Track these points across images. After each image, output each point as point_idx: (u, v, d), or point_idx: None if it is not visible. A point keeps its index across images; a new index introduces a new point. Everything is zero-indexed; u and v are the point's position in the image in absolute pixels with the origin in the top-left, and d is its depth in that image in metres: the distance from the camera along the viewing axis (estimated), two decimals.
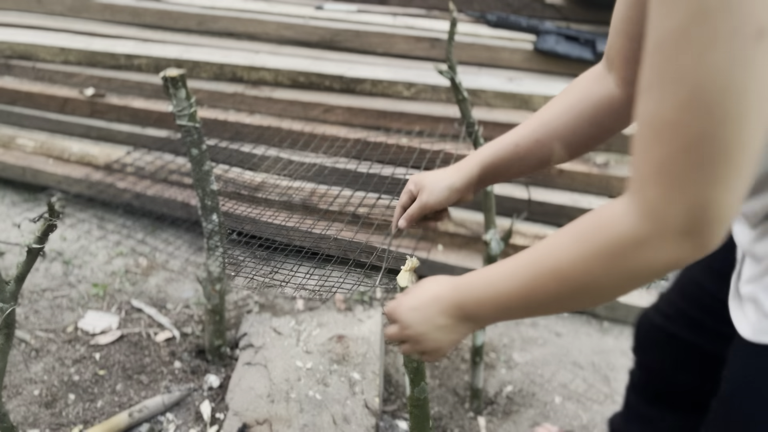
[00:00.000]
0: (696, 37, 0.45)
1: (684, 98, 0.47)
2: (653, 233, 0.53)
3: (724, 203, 0.50)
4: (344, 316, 2.05)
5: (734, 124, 0.46)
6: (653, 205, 0.52)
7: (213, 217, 1.76)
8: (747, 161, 0.48)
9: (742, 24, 0.43)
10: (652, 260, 0.55)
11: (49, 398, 1.89)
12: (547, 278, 0.62)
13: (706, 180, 0.49)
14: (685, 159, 0.49)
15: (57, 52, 3.21)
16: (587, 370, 2.10)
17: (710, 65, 0.45)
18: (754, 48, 0.44)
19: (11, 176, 2.94)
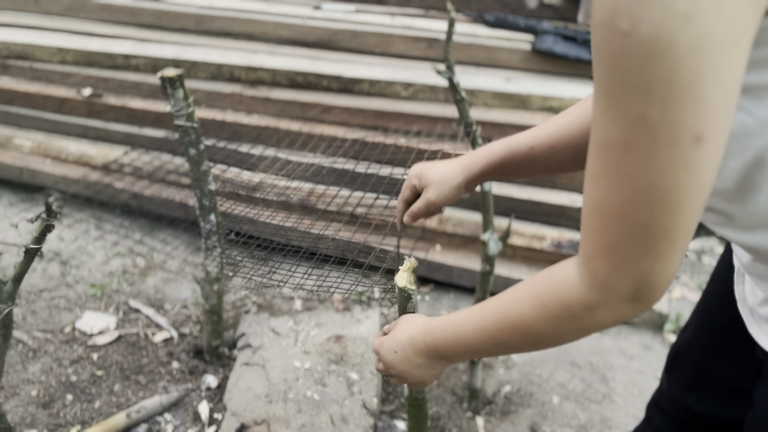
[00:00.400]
0: (640, 145, 0.50)
1: (629, 194, 0.53)
2: (602, 301, 0.60)
3: (665, 274, 0.57)
4: (342, 317, 2.05)
5: (675, 215, 0.52)
6: (602, 278, 0.59)
7: (211, 217, 1.76)
8: (686, 238, 0.55)
9: (680, 132, 0.48)
10: (601, 321, 0.62)
11: (46, 399, 1.89)
12: (509, 329, 0.70)
13: (648, 258, 0.55)
14: (630, 243, 0.55)
15: (54, 52, 3.21)
16: (585, 370, 2.10)
17: (653, 168, 0.50)
18: (692, 152, 0.49)
19: (8, 176, 2.94)
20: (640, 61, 0.47)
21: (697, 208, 0.53)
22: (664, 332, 2.27)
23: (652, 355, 2.18)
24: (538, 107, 2.70)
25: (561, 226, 2.47)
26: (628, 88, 0.49)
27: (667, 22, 0.45)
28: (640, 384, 2.05)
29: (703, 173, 0.51)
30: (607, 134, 0.53)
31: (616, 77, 0.49)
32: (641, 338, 2.25)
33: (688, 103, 0.47)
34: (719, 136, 0.50)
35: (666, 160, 0.50)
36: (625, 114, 0.50)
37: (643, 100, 0.48)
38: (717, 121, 0.49)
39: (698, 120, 0.48)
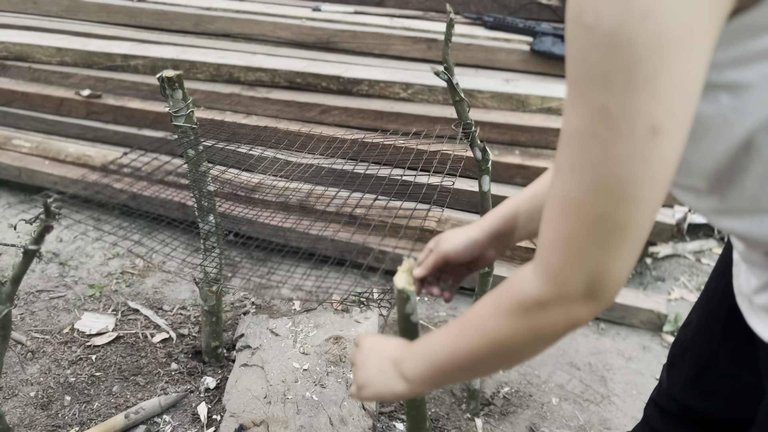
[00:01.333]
0: (600, 135, 0.52)
1: (588, 184, 0.54)
2: (554, 296, 0.60)
3: (618, 270, 0.57)
4: (341, 317, 2.05)
5: (630, 207, 0.54)
6: (555, 272, 0.59)
7: (210, 218, 1.76)
8: (641, 233, 0.56)
9: (638, 124, 0.51)
10: (554, 320, 0.61)
11: (45, 400, 1.89)
12: (470, 333, 0.69)
13: (603, 252, 0.56)
14: (585, 234, 0.56)
15: (53, 53, 3.21)
16: (584, 371, 2.11)
17: (612, 159, 0.52)
18: (648, 145, 0.51)
19: (7, 177, 2.94)
20: (602, 54, 0.50)
21: (652, 203, 0.54)
22: (663, 333, 2.27)
23: (651, 356, 2.18)
24: (536, 108, 2.70)
25: None
26: (591, 80, 0.52)
27: (627, 18, 0.48)
28: (638, 385, 2.06)
29: (659, 167, 0.52)
30: (571, 126, 0.55)
31: (581, 70, 0.52)
32: (640, 339, 2.26)
33: (646, 96, 0.50)
34: (676, 131, 0.52)
35: (623, 151, 0.51)
36: (588, 105, 0.52)
37: (604, 91, 0.51)
38: (673, 116, 0.51)
39: (655, 113, 0.50)
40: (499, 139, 2.64)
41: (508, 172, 2.56)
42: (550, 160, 2.56)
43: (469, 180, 2.55)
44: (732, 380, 1.06)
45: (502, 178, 2.57)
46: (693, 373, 1.14)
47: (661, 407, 1.25)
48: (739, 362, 1.02)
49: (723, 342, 1.05)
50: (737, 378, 1.05)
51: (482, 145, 1.59)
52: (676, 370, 1.19)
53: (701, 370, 1.11)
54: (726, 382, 1.08)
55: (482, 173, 1.62)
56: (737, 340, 1.00)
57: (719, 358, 1.07)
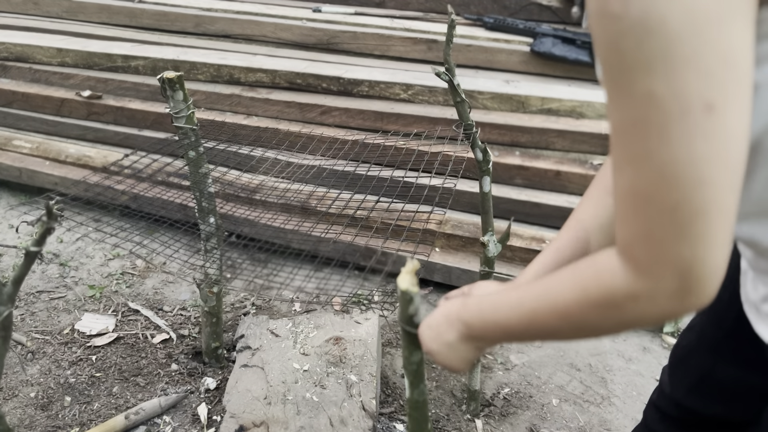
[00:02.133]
0: (653, 122, 0.51)
1: (653, 174, 0.52)
2: (646, 291, 0.57)
3: (709, 259, 0.54)
4: (341, 318, 2.05)
5: (703, 190, 0.51)
6: (644, 267, 0.57)
7: (210, 219, 1.76)
8: (724, 217, 0.53)
9: (689, 102, 0.49)
10: (646, 313, 0.59)
11: (45, 400, 1.89)
12: (548, 314, 0.67)
13: (687, 242, 0.53)
14: (665, 225, 0.53)
15: (54, 54, 3.21)
16: (584, 372, 2.11)
17: (671, 143, 0.50)
18: (705, 122, 0.49)
19: (7, 178, 2.94)
20: (636, 40, 0.49)
21: (727, 181, 0.52)
22: (663, 335, 2.28)
23: (651, 357, 2.18)
24: (537, 109, 2.70)
25: (560, 228, 2.47)
26: (630, 68, 0.50)
27: (654, 1, 0.47)
28: (639, 386, 2.06)
29: (723, 143, 0.50)
30: (620, 120, 0.54)
31: (618, 60, 0.51)
32: (640, 340, 2.26)
33: (691, 73, 0.48)
34: (733, 105, 0.50)
35: (680, 133, 0.50)
36: (633, 94, 0.51)
37: (647, 76, 0.50)
38: (726, 89, 0.49)
39: (705, 89, 0.49)
40: (499, 140, 2.65)
41: (509, 173, 2.56)
42: (550, 160, 2.56)
43: (469, 181, 2.55)
44: (737, 385, 1.06)
45: (503, 179, 2.57)
46: (696, 378, 1.13)
47: (661, 411, 1.25)
48: (746, 367, 1.02)
49: (728, 348, 1.05)
50: (742, 382, 1.04)
51: (483, 146, 1.59)
52: (678, 375, 1.19)
53: (705, 375, 1.11)
54: (730, 386, 1.07)
55: (483, 174, 1.63)
56: (744, 346, 0.99)
57: (724, 363, 1.06)
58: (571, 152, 2.59)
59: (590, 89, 2.81)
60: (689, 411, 1.17)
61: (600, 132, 2.55)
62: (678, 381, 1.18)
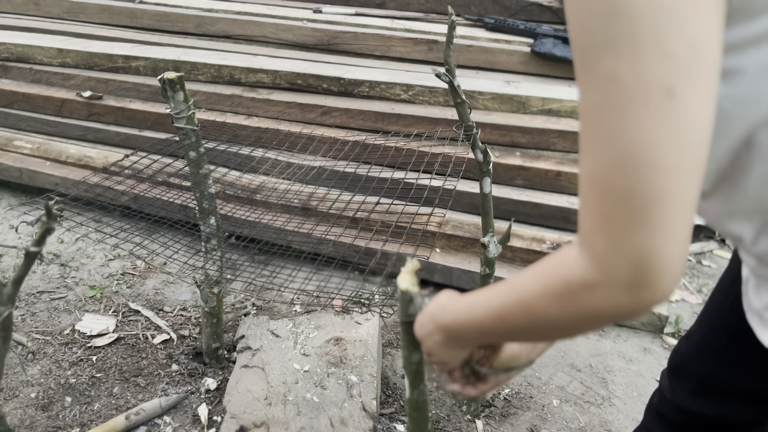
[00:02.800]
0: (614, 103, 0.50)
1: (612, 157, 0.52)
2: (601, 279, 0.56)
3: (665, 251, 0.52)
4: (342, 319, 2.05)
5: (660, 176, 0.50)
6: (599, 253, 0.55)
7: (211, 220, 1.76)
8: (681, 206, 0.52)
9: (651, 85, 0.49)
10: (602, 304, 0.57)
11: (45, 401, 1.89)
12: (515, 310, 0.66)
13: (643, 230, 0.52)
14: (621, 211, 0.52)
15: (54, 54, 3.21)
16: (585, 373, 2.10)
17: (630, 126, 0.50)
18: (665, 106, 0.49)
19: (8, 178, 2.94)
20: (603, 19, 0.49)
21: (686, 169, 0.51)
22: (664, 335, 2.27)
23: (652, 357, 2.18)
24: (537, 110, 2.70)
25: (560, 229, 2.47)
26: (595, 48, 0.51)
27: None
28: (639, 387, 2.05)
29: (683, 129, 0.50)
30: (585, 102, 0.54)
31: (584, 41, 0.52)
32: (641, 341, 2.25)
33: (654, 56, 0.49)
34: (696, 90, 0.50)
35: (641, 116, 0.50)
36: (597, 75, 0.51)
37: (611, 56, 0.50)
38: (689, 74, 0.49)
39: (667, 72, 0.49)
40: (500, 141, 2.65)
41: (509, 174, 2.56)
42: (551, 161, 2.56)
43: (470, 181, 2.55)
44: (738, 389, 1.06)
45: (503, 180, 2.57)
46: (697, 383, 1.13)
47: (662, 415, 1.25)
48: (748, 372, 1.02)
49: (730, 353, 1.04)
50: (744, 387, 1.04)
51: (483, 147, 1.59)
52: (679, 380, 1.18)
53: (706, 380, 1.10)
54: (732, 391, 1.07)
55: (483, 175, 1.62)
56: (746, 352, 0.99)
57: (726, 368, 1.06)
58: (571, 153, 2.59)
59: None
60: (690, 415, 1.16)
61: None
62: (679, 386, 1.18)
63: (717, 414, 1.11)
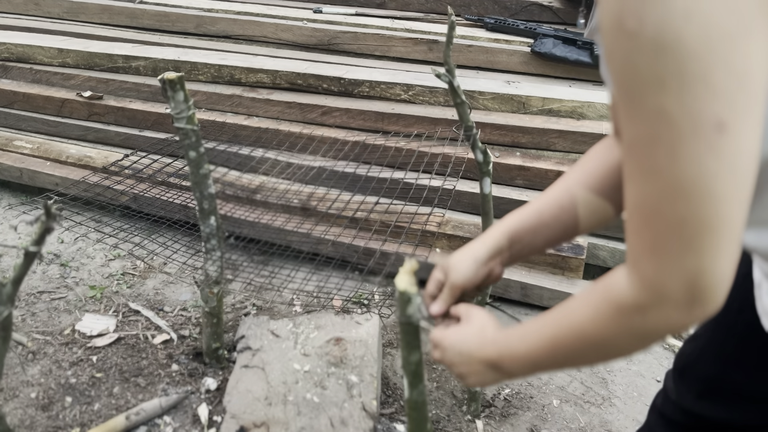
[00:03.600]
0: (664, 138, 0.51)
1: (663, 188, 0.53)
2: (653, 302, 0.58)
3: (715, 271, 0.55)
4: (342, 319, 2.05)
5: (711, 205, 0.52)
6: (650, 279, 0.58)
7: (211, 220, 1.76)
8: (732, 230, 0.54)
9: (701, 121, 0.49)
10: (656, 325, 0.60)
11: (45, 401, 1.89)
12: (567, 335, 0.68)
13: (696, 255, 0.54)
14: (672, 238, 0.54)
15: (55, 54, 3.21)
16: (585, 373, 2.10)
17: (680, 159, 0.51)
18: (716, 139, 0.50)
19: (8, 178, 2.94)
20: (651, 57, 0.49)
21: (737, 197, 0.52)
22: None
23: (652, 358, 2.18)
24: (537, 110, 2.70)
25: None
26: (643, 85, 0.51)
27: (670, 19, 0.48)
28: (640, 387, 2.05)
29: (734, 161, 0.51)
30: (633, 134, 0.54)
31: (631, 76, 0.52)
32: None
33: (704, 92, 0.49)
34: (745, 122, 0.50)
35: (691, 150, 0.50)
36: (645, 110, 0.52)
37: (660, 93, 0.50)
38: (739, 108, 0.50)
39: (717, 107, 0.49)
40: (500, 141, 2.64)
41: (510, 174, 2.56)
42: (551, 161, 2.56)
43: (470, 181, 2.55)
44: (746, 392, 1.06)
45: (504, 180, 2.57)
46: (704, 385, 1.12)
47: (666, 417, 1.24)
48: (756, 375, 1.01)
49: (738, 356, 1.04)
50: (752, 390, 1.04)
51: (483, 148, 1.59)
52: (685, 382, 1.17)
53: (713, 381, 1.10)
54: (739, 392, 1.07)
55: (483, 175, 1.62)
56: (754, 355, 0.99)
57: (733, 371, 1.06)
58: (572, 153, 2.58)
59: (591, 90, 2.81)
60: (694, 417, 1.16)
61: (601, 132, 2.54)
62: (684, 388, 1.18)
63: (722, 416, 1.11)
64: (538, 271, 2.36)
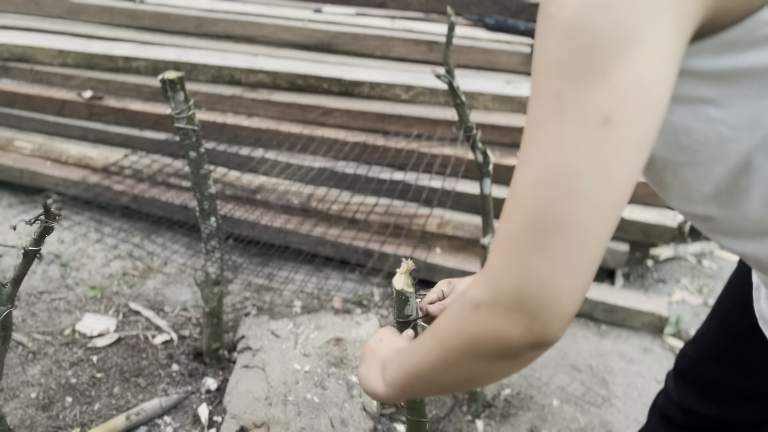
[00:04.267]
0: (550, 121, 0.50)
1: (531, 174, 0.51)
2: (488, 298, 0.54)
3: (556, 283, 0.50)
4: (342, 319, 2.05)
5: (572, 203, 0.49)
6: (491, 271, 0.54)
7: (211, 220, 1.76)
8: (584, 240, 0.50)
9: (589, 111, 0.48)
10: (483, 328, 0.55)
11: (46, 401, 1.89)
12: (428, 340, 0.64)
13: (536, 253, 0.50)
14: (521, 230, 0.51)
15: (55, 55, 3.21)
16: (585, 373, 2.10)
17: (558, 146, 0.49)
18: (597, 134, 0.48)
19: (9, 178, 2.94)
20: (560, 41, 0.50)
21: (601, 204, 0.49)
22: (664, 335, 2.27)
23: (652, 358, 2.18)
24: None
25: None
26: (548, 67, 0.51)
27: (587, 7, 0.48)
28: (640, 387, 2.05)
29: (609, 163, 0.49)
30: (529, 116, 0.53)
31: (540, 58, 0.52)
32: (641, 341, 2.25)
33: (599, 84, 0.48)
34: (631, 126, 0.49)
35: (571, 139, 0.49)
36: (543, 92, 0.51)
37: (558, 77, 0.50)
38: (629, 109, 0.49)
39: (607, 102, 0.48)
40: (500, 141, 2.64)
41: (510, 175, 2.55)
42: None
43: (470, 182, 2.55)
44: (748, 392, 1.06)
45: (504, 181, 2.56)
46: (704, 386, 1.13)
47: (667, 417, 1.25)
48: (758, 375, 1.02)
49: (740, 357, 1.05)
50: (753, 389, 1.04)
51: (483, 149, 1.59)
52: (686, 383, 1.18)
53: (714, 382, 1.11)
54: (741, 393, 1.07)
55: (483, 176, 1.62)
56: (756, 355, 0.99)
57: (735, 372, 1.07)
58: None
59: None
60: (697, 416, 1.16)
61: None
62: (686, 388, 1.18)
63: (723, 415, 1.12)
64: None
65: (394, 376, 0.71)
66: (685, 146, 0.60)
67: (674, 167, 0.64)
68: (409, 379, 0.69)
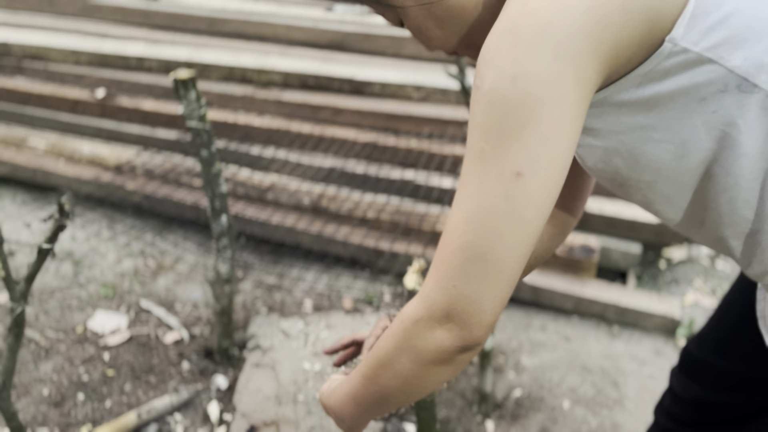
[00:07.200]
0: (476, 172, 0.60)
1: (461, 215, 0.61)
2: (424, 314, 0.64)
3: (480, 300, 0.61)
4: (352, 318, 2.05)
5: (493, 239, 0.59)
6: (426, 291, 0.64)
7: (222, 218, 1.77)
8: (501, 269, 0.61)
9: (504, 167, 0.58)
10: (425, 337, 0.64)
11: (58, 398, 1.90)
12: (372, 359, 0.71)
13: (465, 278, 0.61)
14: (453, 259, 0.61)
15: (68, 54, 3.24)
16: (596, 375, 2.09)
17: (482, 193, 0.60)
18: (511, 185, 0.58)
19: (22, 176, 2.96)
20: (483, 108, 0.59)
21: (516, 240, 0.60)
22: (677, 337, 2.25)
23: (664, 360, 2.16)
24: None
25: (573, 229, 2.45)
26: (474, 128, 0.61)
27: (500, 79, 0.58)
28: (651, 389, 2.04)
29: (522, 206, 0.59)
30: (463, 166, 0.63)
31: (471, 121, 0.61)
32: (653, 343, 2.24)
33: (513, 144, 0.58)
34: (540, 176, 0.59)
35: (492, 188, 0.59)
36: (472, 148, 0.61)
37: (482, 137, 0.60)
38: (538, 162, 0.58)
39: (520, 159, 0.58)
40: None
41: None
42: None
43: None
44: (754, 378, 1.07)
45: None
46: (708, 377, 1.14)
47: (674, 415, 1.25)
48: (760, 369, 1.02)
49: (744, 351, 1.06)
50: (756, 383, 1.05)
51: None
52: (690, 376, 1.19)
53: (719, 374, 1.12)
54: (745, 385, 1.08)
55: None
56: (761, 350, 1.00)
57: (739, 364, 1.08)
58: None
59: None
60: (703, 406, 1.17)
61: None
62: (691, 380, 1.19)
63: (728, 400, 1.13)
64: (549, 272, 2.35)
65: (346, 411, 0.78)
66: (645, 166, 0.69)
67: (647, 185, 0.73)
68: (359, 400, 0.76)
